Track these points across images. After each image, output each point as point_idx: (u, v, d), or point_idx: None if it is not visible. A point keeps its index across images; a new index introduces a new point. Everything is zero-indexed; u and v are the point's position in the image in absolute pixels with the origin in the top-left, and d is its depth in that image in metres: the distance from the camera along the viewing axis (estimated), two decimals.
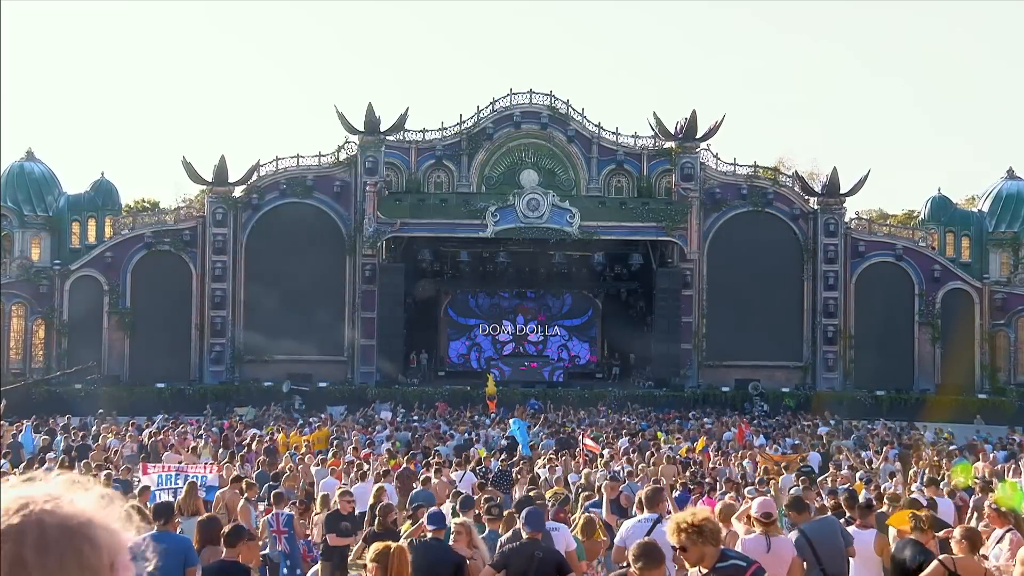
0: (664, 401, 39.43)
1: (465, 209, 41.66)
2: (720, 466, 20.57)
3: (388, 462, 19.28)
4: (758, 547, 7.61)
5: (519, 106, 44.57)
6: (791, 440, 26.92)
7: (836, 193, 44.17)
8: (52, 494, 1.49)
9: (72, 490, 1.52)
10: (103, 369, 40.69)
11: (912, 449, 24.76)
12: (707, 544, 4.95)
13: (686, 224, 42.04)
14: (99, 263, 42.22)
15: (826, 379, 43.45)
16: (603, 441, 24.69)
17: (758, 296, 42.67)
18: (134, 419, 31.02)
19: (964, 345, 43.69)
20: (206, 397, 38.61)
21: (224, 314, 42.33)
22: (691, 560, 5.19)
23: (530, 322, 46.97)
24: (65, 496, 1.50)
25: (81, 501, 1.50)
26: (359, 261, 42.52)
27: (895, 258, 44.38)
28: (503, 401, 35.89)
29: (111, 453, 21.67)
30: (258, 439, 23.84)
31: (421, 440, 25.98)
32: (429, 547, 8.33)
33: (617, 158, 44.64)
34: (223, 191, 42.76)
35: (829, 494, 13.74)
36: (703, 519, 5.12)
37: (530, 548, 7.84)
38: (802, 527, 8.80)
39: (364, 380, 41.58)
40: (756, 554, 7.48)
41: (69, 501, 1.49)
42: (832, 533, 9.04)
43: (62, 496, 1.49)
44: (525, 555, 7.81)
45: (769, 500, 8.39)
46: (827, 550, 8.67)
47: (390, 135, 43.20)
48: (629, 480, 15.56)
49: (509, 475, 16.66)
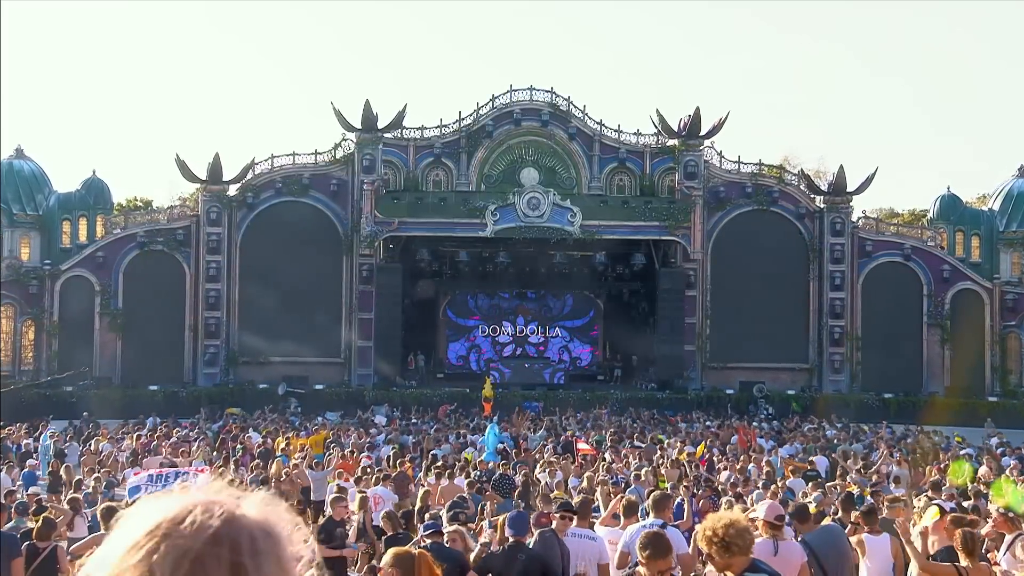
0: (667, 404, 39.39)
1: (464, 208, 41.64)
2: (724, 470, 20.54)
3: (391, 466, 19.30)
4: (765, 551, 7.58)
5: (519, 103, 44.55)
6: (798, 445, 26.87)
7: (843, 192, 44.12)
8: (236, 497, 1.48)
9: (242, 496, 1.51)
10: (95, 371, 40.66)
11: (921, 454, 24.75)
12: (734, 555, 4.88)
13: (689, 223, 42.01)
14: (90, 263, 42.19)
15: (832, 381, 43.42)
16: (605, 446, 24.68)
17: (763, 297, 42.64)
18: (127, 422, 31.04)
19: (974, 347, 43.62)
20: (200, 400, 38.58)
21: (218, 315, 42.30)
22: (717, 567, 5.17)
23: (530, 323, 46.97)
24: (245, 501, 1.49)
25: (261, 506, 1.49)
26: (356, 261, 42.49)
27: (903, 258, 44.33)
28: (503, 404, 35.88)
29: (103, 457, 21.62)
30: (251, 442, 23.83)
31: (420, 444, 25.99)
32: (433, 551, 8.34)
33: (619, 156, 44.61)
34: (217, 190, 42.74)
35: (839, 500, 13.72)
36: (728, 529, 4.95)
37: (512, 552, 7.87)
38: (804, 537, 8.69)
39: (361, 382, 41.57)
40: (762, 558, 7.45)
41: (252, 506, 1.48)
42: (837, 542, 8.99)
43: (243, 500, 1.49)
44: (506, 559, 7.84)
45: (778, 504, 8.36)
46: (832, 560, 8.62)
47: (388, 133, 43.16)
48: (636, 484, 15.58)
49: (511, 480, 16.65)
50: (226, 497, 1.47)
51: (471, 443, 26.10)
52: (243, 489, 1.55)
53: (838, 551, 8.83)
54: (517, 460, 21.00)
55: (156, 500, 1.46)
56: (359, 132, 42.67)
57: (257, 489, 1.61)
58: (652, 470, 18.44)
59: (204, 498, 1.46)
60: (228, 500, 1.47)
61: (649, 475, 17.37)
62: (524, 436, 27.56)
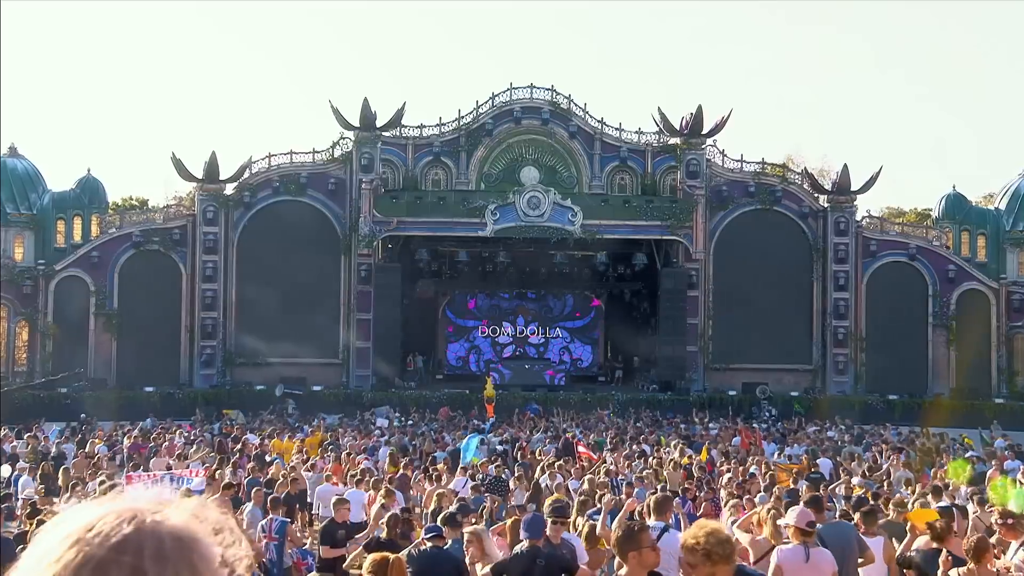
0: (669, 405, 39.41)
1: (464, 207, 41.64)
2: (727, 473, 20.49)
3: (388, 469, 19.29)
4: (796, 558, 7.57)
5: (519, 101, 44.55)
6: (801, 447, 26.83)
7: (847, 191, 44.12)
8: (158, 505, 1.49)
9: (168, 503, 1.52)
10: (89, 373, 40.64)
11: (926, 455, 24.73)
12: (717, 564, 4.88)
13: (691, 223, 42.02)
14: (85, 263, 42.18)
15: (836, 383, 43.42)
16: (606, 447, 24.67)
17: (766, 297, 42.62)
18: (119, 424, 31.00)
19: (980, 348, 43.64)
20: (196, 401, 38.57)
21: (215, 316, 42.30)
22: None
23: (531, 324, 46.99)
24: (168, 508, 1.49)
25: (183, 513, 1.50)
26: (354, 261, 42.48)
27: (908, 258, 44.33)
28: (503, 405, 35.89)
29: (97, 459, 21.59)
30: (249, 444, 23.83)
31: (419, 446, 25.98)
32: (426, 556, 8.34)
33: (620, 155, 44.61)
34: (214, 189, 42.74)
35: (846, 501, 13.73)
36: (708, 538, 4.91)
37: (531, 555, 7.81)
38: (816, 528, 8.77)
39: (359, 384, 41.56)
40: (794, 565, 7.45)
41: (174, 513, 1.49)
42: (846, 538, 9.02)
43: (165, 508, 1.49)
44: (525, 562, 7.78)
45: (808, 510, 8.34)
46: (840, 555, 8.64)
47: (386, 131, 43.16)
48: (639, 486, 15.59)
49: (504, 482, 16.70)
50: (147, 504, 1.48)
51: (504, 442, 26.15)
52: (237, 493, 1.54)
53: (846, 547, 8.85)
54: (519, 462, 20.98)
55: (79, 509, 1.48)
56: (357, 130, 42.66)
57: (249, 491, 1.61)
58: (654, 472, 18.44)
59: (123, 505, 1.47)
60: (147, 506, 1.48)
61: (651, 477, 17.38)
62: (527, 438, 27.53)
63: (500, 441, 26.26)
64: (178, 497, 1.54)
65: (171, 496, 1.53)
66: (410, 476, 18.82)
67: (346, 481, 16.87)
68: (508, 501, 15.14)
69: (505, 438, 26.83)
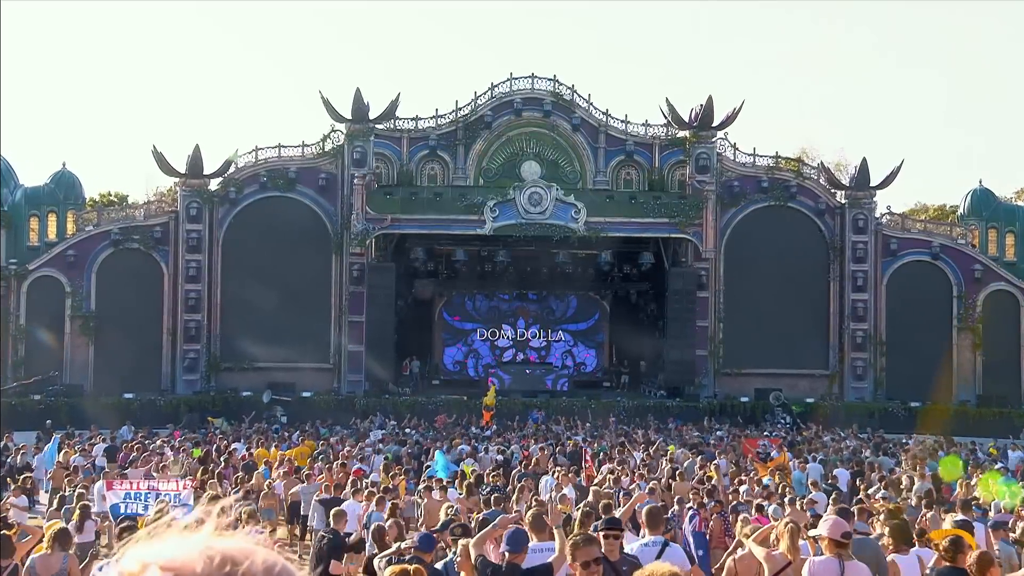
0: (677, 412, 39.36)
1: (461, 204, 41.61)
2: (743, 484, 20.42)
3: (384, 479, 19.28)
4: (830, 570, 7.49)
5: (520, 92, 44.51)
6: (819, 455, 26.76)
7: (866, 186, 44.08)
8: (245, 548, 1.57)
9: (240, 539, 1.59)
10: (64, 378, 40.57)
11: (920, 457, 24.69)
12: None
13: (701, 220, 41.98)
14: (60, 262, 42.11)
15: (855, 389, 43.37)
16: (611, 455, 24.65)
17: (780, 298, 42.59)
18: (99, 432, 30.92)
19: (1009, 352, 43.60)
20: (179, 409, 38.51)
21: (199, 318, 42.24)
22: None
23: (532, 326, 46.98)
24: (250, 548, 1.58)
25: (261, 551, 1.58)
26: (346, 260, 42.46)
27: (931, 257, 44.27)
28: (502, 412, 35.78)
29: (72, 471, 21.49)
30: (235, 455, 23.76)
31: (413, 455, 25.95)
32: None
33: (626, 148, 44.57)
34: (197, 184, 42.69)
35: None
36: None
37: (510, 573, 7.75)
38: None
39: (352, 389, 41.52)
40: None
41: (257, 553, 1.57)
42: (871, 554, 8.92)
43: (249, 548, 1.58)
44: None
45: (843, 521, 8.24)
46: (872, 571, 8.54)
47: (380, 123, 43.14)
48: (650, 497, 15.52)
49: (501, 492, 16.71)
50: (238, 547, 1.56)
51: (468, 454, 26.04)
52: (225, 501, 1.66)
53: (879, 562, 8.76)
54: (524, 473, 20.97)
55: (171, 543, 1.54)
56: (349, 123, 42.63)
57: (241, 505, 1.68)
58: (660, 482, 18.40)
59: (220, 548, 1.54)
60: (239, 551, 1.55)
61: (658, 487, 17.32)
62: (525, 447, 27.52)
63: (498, 451, 26.24)
64: (240, 533, 1.61)
65: (236, 532, 1.61)
66: (403, 487, 18.80)
67: (343, 488, 17.09)
68: (508, 511, 15.08)
69: (500, 449, 26.77)
